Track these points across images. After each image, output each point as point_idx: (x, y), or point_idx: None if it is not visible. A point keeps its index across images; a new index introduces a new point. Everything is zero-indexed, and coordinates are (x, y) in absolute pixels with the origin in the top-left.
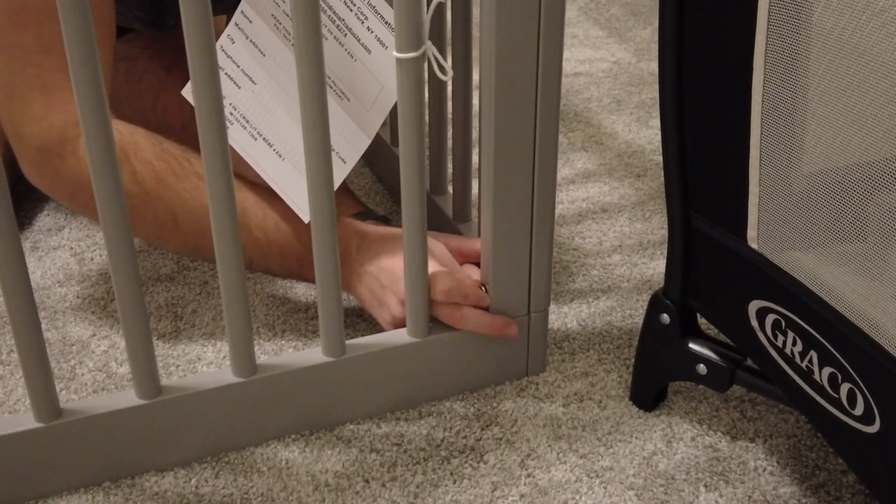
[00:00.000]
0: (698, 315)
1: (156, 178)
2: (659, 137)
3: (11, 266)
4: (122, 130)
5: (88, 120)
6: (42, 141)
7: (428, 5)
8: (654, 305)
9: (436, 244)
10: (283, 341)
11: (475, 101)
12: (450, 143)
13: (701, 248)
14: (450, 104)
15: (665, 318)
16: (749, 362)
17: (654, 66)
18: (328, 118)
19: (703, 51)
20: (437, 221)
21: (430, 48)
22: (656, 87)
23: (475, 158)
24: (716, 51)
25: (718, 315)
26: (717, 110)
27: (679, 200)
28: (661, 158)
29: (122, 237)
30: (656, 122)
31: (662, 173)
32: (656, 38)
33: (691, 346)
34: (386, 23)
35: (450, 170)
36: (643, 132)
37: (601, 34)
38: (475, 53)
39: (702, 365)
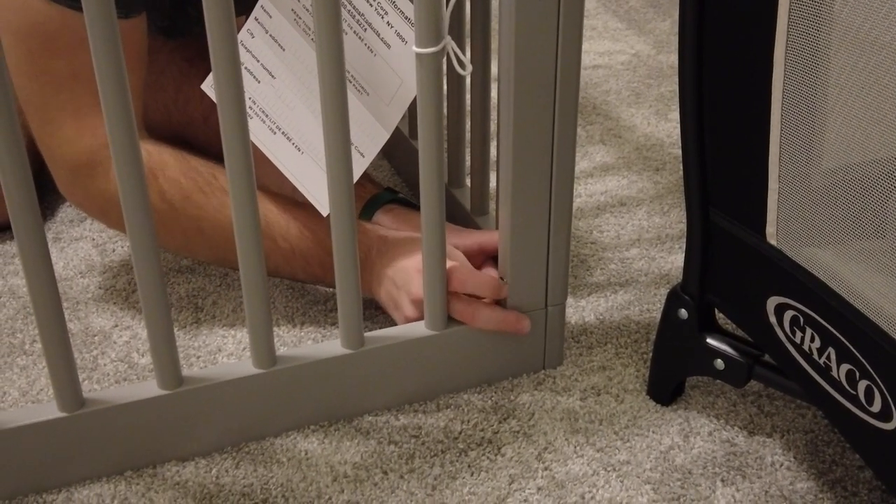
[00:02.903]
0: (716, 310)
1: (183, 195)
2: (678, 131)
3: (35, 257)
4: (151, 150)
5: (118, 146)
6: (74, 163)
7: (447, 1)
8: (672, 300)
9: (455, 252)
10: (303, 333)
11: (493, 93)
12: (468, 135)
13: (719, 243)
14: (468, 97)
15: (683, 313)
16: (767, 358)
17: (674, 58)
18: (348, 113)
19: (724, 46)
20: (455, 214)
21: (449, 43)
22: (675, 79)
23: (492, 151)
24: (736, 46)
25: (736, 310)
26: (736, 106)
27: (698, 196)
28: (680, 152)
29: (144, 231)
30: (675, 115)
31: (680, 168)
32: (676, 30)
33: (709, 341)
34: (406, 18)
35: (468, 162)
36: (662, 125)
37: (620, 26)
38: (493, 45)
39: (719, 360)
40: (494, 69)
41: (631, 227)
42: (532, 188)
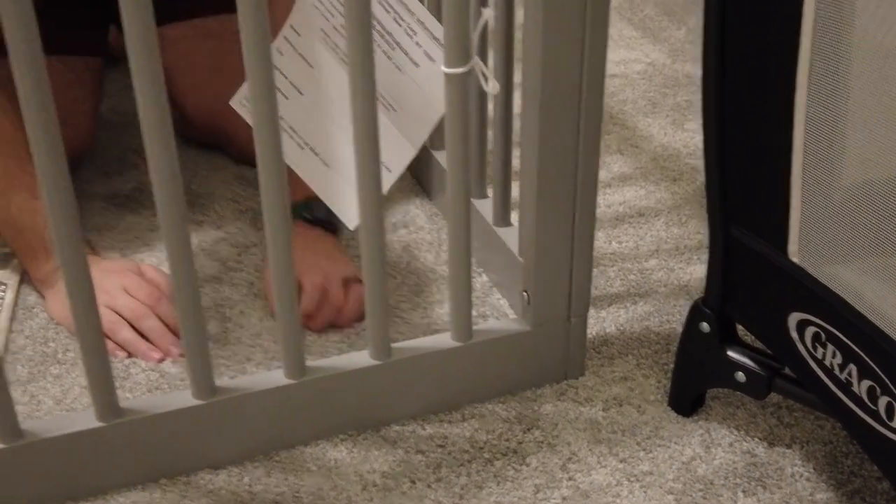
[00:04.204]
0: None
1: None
2: (694, 140)
3: (74, 269)
4: None
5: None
6: None
7: (475, 22)
8: (695, 314)
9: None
10: (328, 343)
11: (515, 101)
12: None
13: (741, 259)
14: (490, 106)
15: (705, 326)
16: (786, 370)
17: (689, 67)
18: (378, 131)
19: (746, 64)
20: (477, 226)
21: (477, 63)
22: (691, 89)
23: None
24: (759, 64)
25: (757, 325)
26: (759, 124)
27: (720, 212)
28: (696, 162)
29: (179, 237)
30: (692, 125)
31: (698, 178)
32: (691, 38)
33: (730, 353)
34: (434, 38)
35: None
36: (678, 135)
37: (635, 35)
38: (514, 54)
39: (740, 372)
40: (517, 79)
41: (649, 237)
42: (556, 200)
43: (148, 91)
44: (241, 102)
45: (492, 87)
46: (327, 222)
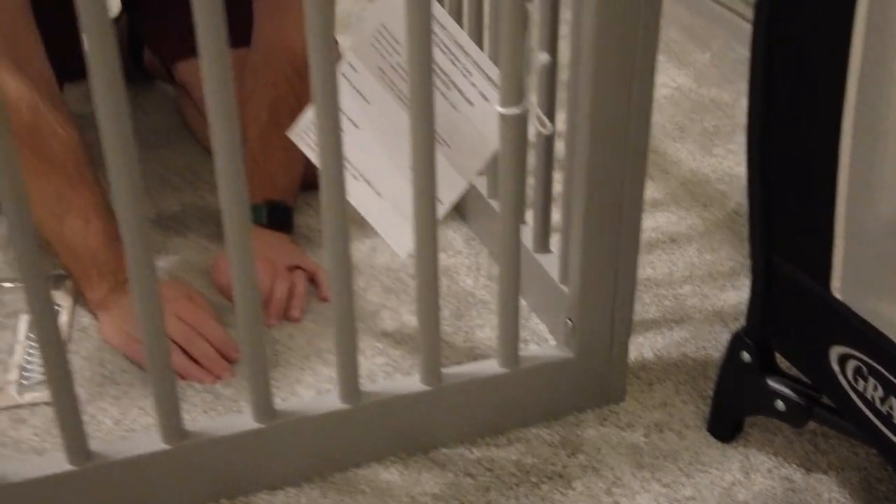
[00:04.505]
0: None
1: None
2: (723, 166)
3: (145, 293)
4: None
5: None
6: None
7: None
8: (736, 344)
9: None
10: (374, 366)
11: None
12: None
13: (784, 291)
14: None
15: (745, 356)
16: (825, 398)
17: (715, 92)
18: (435, 166)
19: (792, 99)
20: None
21: (530, 104)
22: (718, 114)
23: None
24: (804, 100)
25: (798, 356)
26: (803, 159)
27: (763, 244)
28: (726, 187)
29: (244, 263)
30: (720, 150)
31: (728, 203)
32: (716, 63)
33: (770, 383)
34: (489, 79)
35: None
36: (707, 160)
37: (660, 58)
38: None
39: (780, 401)
40: (559, 98)
41: (682, 263)
42: (602, 228)
43: (221, 111)
44: (301, 135)
45: (536, 119)
46: (284, 224)
